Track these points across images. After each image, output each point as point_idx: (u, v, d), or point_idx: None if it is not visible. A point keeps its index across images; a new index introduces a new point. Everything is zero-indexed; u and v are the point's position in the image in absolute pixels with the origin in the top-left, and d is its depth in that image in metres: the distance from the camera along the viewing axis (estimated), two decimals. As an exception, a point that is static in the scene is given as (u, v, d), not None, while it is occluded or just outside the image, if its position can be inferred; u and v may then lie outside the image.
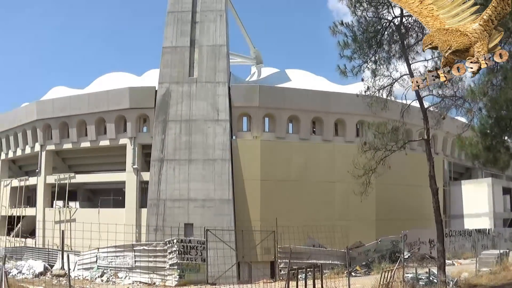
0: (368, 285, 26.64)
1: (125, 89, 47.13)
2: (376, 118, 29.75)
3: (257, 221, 41.34)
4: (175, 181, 42.35)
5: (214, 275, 36.78)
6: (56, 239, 45.53)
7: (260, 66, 60.54)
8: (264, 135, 45.49)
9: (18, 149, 57.57)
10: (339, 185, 43.49)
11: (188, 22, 46.12)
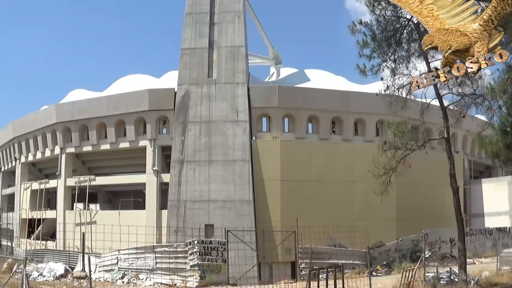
0: (389, 284, 26.64)
1: (145, 91, 47.41)
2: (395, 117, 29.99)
3: (277, 222, 41.39)
4: (195, 182, 42.53)
5: (235, 276, 36.96)
6: (77, 241, 45.54)
7: (279, 67, 60.67)
8: (283, 135, 45.46)
9: (38, 152, 57.94)
10: (359, 185, 43.50)
11: (206, 24, 46.26)
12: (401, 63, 27.57)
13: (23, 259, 23.86)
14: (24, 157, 61.20)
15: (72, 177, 53.30)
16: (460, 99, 27.74)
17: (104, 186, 56.20)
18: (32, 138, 58.57)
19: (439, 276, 28.44)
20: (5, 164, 69.56)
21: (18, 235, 60.59)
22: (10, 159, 66.04)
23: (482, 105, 26.71)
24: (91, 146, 51.20)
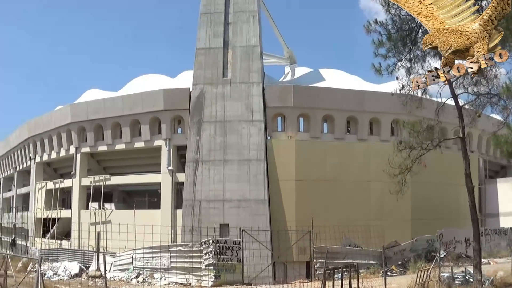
0: (404, 284, 26.45)
1: (160, 90, 47.70)
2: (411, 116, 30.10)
3: (292, 221, 41.44)
4: (210, 182, 42.72)
5: (250, 275, 36.92)
6: (92, 240, 46.16)
7: (294, 66, 60.77)
8: (298, 135, 45.60)
9: (53, 152, 58.54)
10: (374, 185, 43.66)
11: (221, 24, 46.48)
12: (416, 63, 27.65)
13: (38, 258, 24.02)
14: (39, 156, 61.76)
15: (87, 176, 53.85)
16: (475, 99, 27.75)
17: (119, 186, 56.51)
18: (47, 138, 59.12)
19: (454, 276, 28.32)
20: (20, 163, 70.11)
21: (33, 235, 61.09)
22: (25, 158, 66.57)
23: (497, 104, 26.69)
24: (106, 146, 51.59)
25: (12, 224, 70.04)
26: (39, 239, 58.76)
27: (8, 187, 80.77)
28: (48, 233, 58.09)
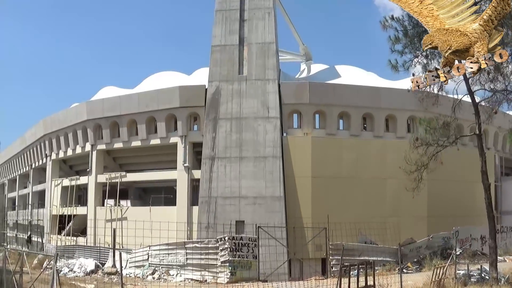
0: (419, 282, 26.49)
1: (175, 88, 47.86)
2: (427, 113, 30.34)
3: (308, 218, 41.46)
4: (226, 178, 42.94)
5: (266, 272, 37.13)
6: (107, 237, 46.26)
7: (310, 63, 60.72)
8: (314, 131, 45.56)
9: (69, 149, 58.80)
10: (390, 182, 43.55)
11: (236, 20, 46.60)
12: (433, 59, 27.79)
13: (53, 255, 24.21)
14: (55, 154, 62.19)
15: (103, 173, 54.14)
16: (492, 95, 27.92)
17: (135, 183, 56.76)
18: (63, 135, 59.49)
19: (469, 273, 28.45)
20: (36, 161, 70.67)
21: (48, 231, 61.56)
22: (41, 156, 67.17)
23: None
24: (122, 143, 51.87)
25: (27, 221, 70.60)
26: (55, 236, 59.20)
27: (24, 184, 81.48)
28: (64, 230, 58.43)
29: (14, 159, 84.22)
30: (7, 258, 26.66)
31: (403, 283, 24.00)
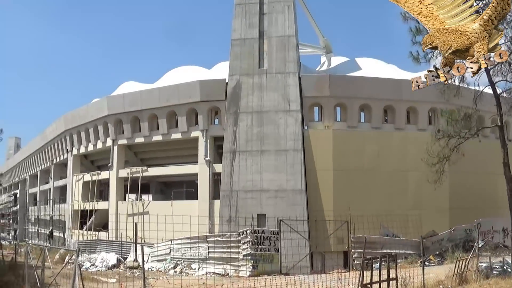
0: (442, 274, 26.00)
1: (196, 82, 48.05)
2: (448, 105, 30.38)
3: (330, 211, 41.60)
4: (248, 172, 43.29)
5: (288, 266, 37.31)
6: (129, 231, 46.83)
7: (330, 56, 60.41)
8: (335, 124, 45.57)
9: (90, 144, 59.44)
10: (412, 174, 43.64)
11: (256, 14, 46.69)
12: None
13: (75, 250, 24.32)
14: (76, 149, 62.85)
15: (124, 168, 54.69)
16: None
17: (157, 177, 57.18)
18: (83, 130, 60.11)
19: (491, 266, 28.26)
20: (57, 156, 71.45)
21: (70, 226, 62.42)
22: (62, 151, 67.92)
23: (535, 92, 26.90)
24: (143, 138, 52.28)
25: (49, 216, 71.36)
26: (77, 231, 60.07)
27: (45, 179, 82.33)
28: (85, 225, 59.08)
29: (35, 154, 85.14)
30: (29, 253, 26.85)
31: (425, 276, 23.91)
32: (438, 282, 24.19)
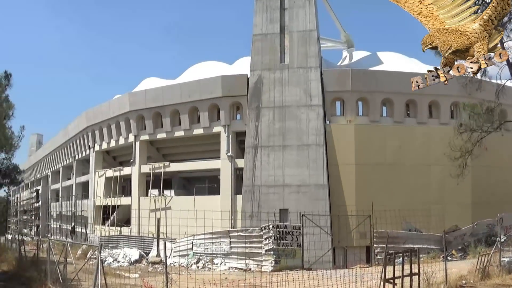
0: (464, 269, 25.92)
1: (218, 77, 48.45)
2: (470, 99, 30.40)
3: (352, 206, 41.77)
4: (270, 167, 43.54)
5: (310, 260, 37.42)
6: (151, 227, 47.44)
7: (351, 50, 60.40)
8: (357, 119, 45.70)
9: (112, 140, 60.15)
10: (434, 168, 43.70)
11: (277, 9, 46.74)
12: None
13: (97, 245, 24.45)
14: (98, 145, 63.56)
15: (146, 164, 55.26)
16: (535, 80, 27.99)
17: (179, 172, 57.57)
18: (105, 126, 60.75)
19: None
20: (79, 152, 72.23)
21: (92, 222, 63.08)
22: (84, 147, 68.61)
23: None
24: (165, 133, 52.71)
25: (71, 212, 72.07)
26: (99, 226, 60.75)
27: (68, 175, 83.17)
28: (108, 220, 59.85)
29: (57, 151, 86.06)
30: (51, 249, 27.13)
31: (447, 271, 23.88)
32: (461, 277, 24.13)
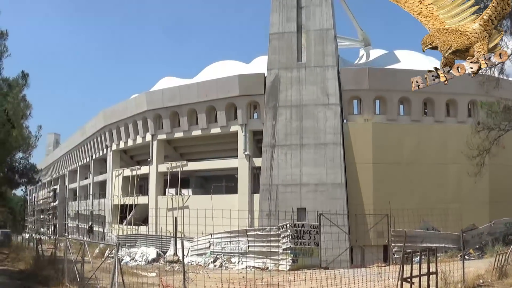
0: (482, 268, 25.56)
1: (235, 76, 48.64)
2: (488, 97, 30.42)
3: (369, 205, 41.96)
4: (287, 166, 43.70)
5: (328, 259, 37.31)
6: (169, 226, 47.55)
7: (368, 48, 60.38)
8: (375, 117, 45.80)
9: (129, 140, 60.56)
10: (452, 167, 43.71)
11: (293, 8, 46.86)
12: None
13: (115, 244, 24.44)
14: (116, 144, 64.04)
15: (164, 163, 55.53)
16: (554, 78, 27.97)
17: (196, 171, 57.93)
18: (123, 126, 61.22)
19: None
20: (96, 152, 72.76)
21: (110, 221, 63.62)
22: (102, 147, 69.14)
23: None
24: (183, 132, 53.10)
25: (89, 211, 72.58)
26: (116, 226, 61.21)
27: (85, 175, 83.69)
28: (125, 220, 60.20)
29: (75, 150, 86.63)
30: (69, 248, 27.43)
31: (465, 270, 23.85)
32: (478, 276, 24.02)
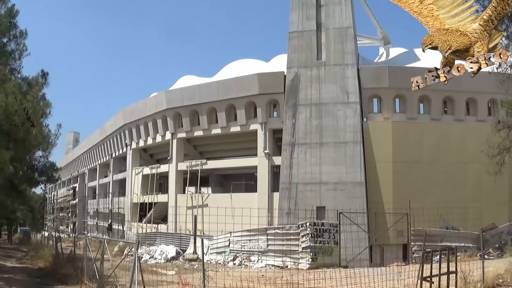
0: (501, 268, 25.55)
1: (254, 75, 48.86)
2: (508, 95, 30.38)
3: (389, 204, 41.88)
4: (307, 164, 43.81)
5: (347, 258, 37.60)
6: (188, 224, 48.05)
7: (388, 47, 60.17)
8: (395, 116, 45.79)
9: (149, 138, 61.06)
10: (472, 166, 43.47)
11: (313, 6, 46.97)
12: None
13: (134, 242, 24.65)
14: (135, 143, 64.63)
15: (183, 161, 55.97)
16: None
17: (216, 170, 58.40)
18: (142, 124, 61.75)
19: None
20: (116, 150, 73.41)
21: (129, 219, 64.11)
22: (121, 145, 69.79)
23: None
24: (202, 131, 53.47)
25: (108, 210, 73.08)
26: (136, 224, 61.76)
27: (104, 173, 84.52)
28: (144, 218, 60.70)
29: (94, 149, 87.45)
30: (88, 246, 27.78)
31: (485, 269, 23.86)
32: (498, 275, 24.06)
